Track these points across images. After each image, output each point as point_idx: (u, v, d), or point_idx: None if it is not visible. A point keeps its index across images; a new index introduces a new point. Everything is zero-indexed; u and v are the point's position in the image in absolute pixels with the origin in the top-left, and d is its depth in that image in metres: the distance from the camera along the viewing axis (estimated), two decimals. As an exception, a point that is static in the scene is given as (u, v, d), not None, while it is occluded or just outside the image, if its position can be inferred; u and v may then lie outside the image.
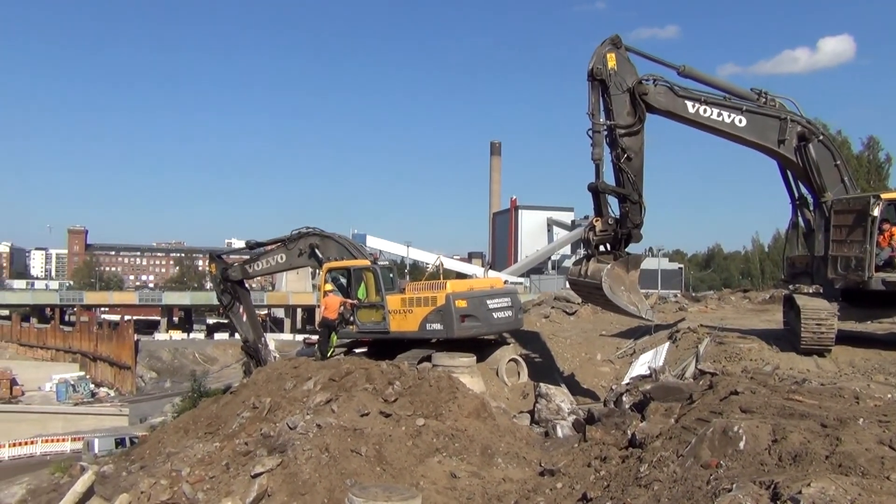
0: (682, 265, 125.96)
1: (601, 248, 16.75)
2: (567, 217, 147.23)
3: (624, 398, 12.63)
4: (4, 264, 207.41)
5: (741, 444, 7.19)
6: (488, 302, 17.72)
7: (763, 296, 32.56)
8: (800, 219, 17.75)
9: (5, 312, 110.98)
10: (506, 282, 30.18)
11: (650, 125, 16.30)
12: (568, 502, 8.62)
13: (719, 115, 16.36)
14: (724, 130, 16.53)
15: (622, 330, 23.39)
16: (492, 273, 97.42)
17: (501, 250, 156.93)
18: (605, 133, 16.08)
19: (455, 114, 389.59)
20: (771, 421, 7.73)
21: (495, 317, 17.76)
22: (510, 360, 18.19)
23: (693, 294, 43.47)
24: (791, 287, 19.73)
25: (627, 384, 14.53)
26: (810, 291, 18.76)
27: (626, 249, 16.69)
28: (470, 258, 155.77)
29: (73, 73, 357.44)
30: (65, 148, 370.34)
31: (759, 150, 17.05)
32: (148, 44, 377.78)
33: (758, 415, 8.34)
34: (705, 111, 16.32)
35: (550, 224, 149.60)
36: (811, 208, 17.25)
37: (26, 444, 48.82)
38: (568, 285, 21.43)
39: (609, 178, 16.33)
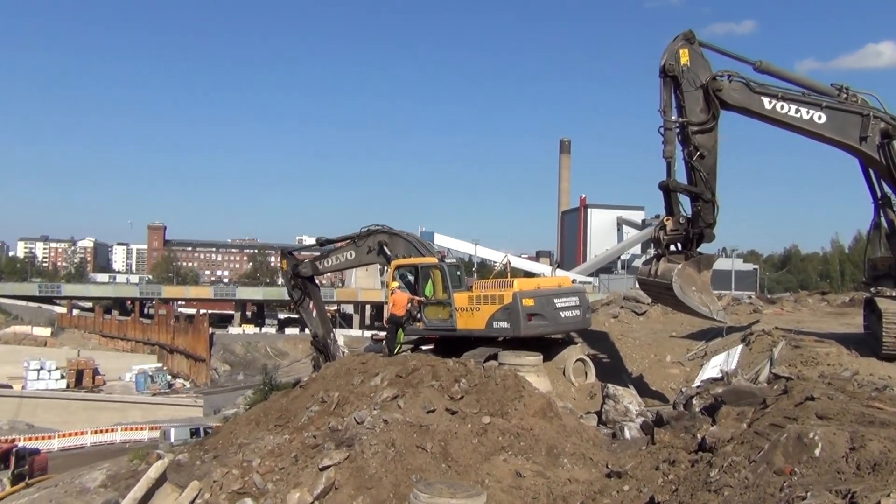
0: (756, 266, 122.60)
1: (672, 247, 16.44)
2: (637, 216, 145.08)
3: (694, 401, 12.39)
4: (89, 259, 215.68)
5: (817, 452, 6.97)
6: (556, 301, 17.57)
7: (842, 299, 31.48)
8: (882, 219, 17.03)
9: (89, 305, 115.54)
10: (574, 281, 29.87)
11: (724, 122, 15.93)
12: (635, 505, 8.51)
13: (797, 111, 15.83)
14: (802, 127, 15.99)
15: (693, 331, 22.92)
16: (560, 272, 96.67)
17: (570, 249, 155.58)
18: (678, 130, 15.76)
19: (524, 112, 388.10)
20: (849, 428, 7.47)
21: (563, 316, 17.59)
22: (577, 360, 18.02)
23: (768, 296, 42.26)
24: (873, 290, 18.95)
25: (698, 387, 14.23)
26: (893, 295, 18.00)
27: (698, 249, 16.34)
28: (538, 257, 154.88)
29: (155, 75, 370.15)
30: (146, 148, 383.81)
31: (840, 148, 16.44)
32: (228, 44, 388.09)
33: (835, 421, 8.07)
34: (782, 108, 15.81)
35: (620, 223, 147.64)
36: (895, 208, 16.57)
37: (107, 431, 50.71)
38: (637, 285, 21.10)
39: (681, 176, 16.01)
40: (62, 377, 75.29)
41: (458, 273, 19.25)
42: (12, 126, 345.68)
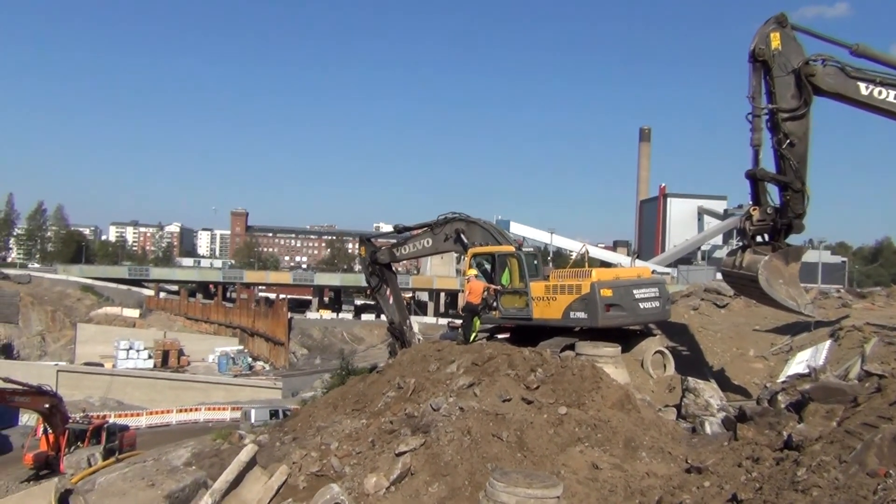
0: (845, 259, 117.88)
1: (759, 238, 15.90)
2: (719, 206, 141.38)
3: (779, 397, 12.00)
4: (175, 243, 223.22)
5: (914, 454, 6.65)
6: (635, 291, 17.24)
7: (938, 294, 29.88)
8: None
9: (175, 288, 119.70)
10: (653, 272, 29.26)
11: (816, 109, 15.26)
12: (716, 502, 8.29)
13: None
14: None
15: (778, 325, 22.15)
16: (639, 262, 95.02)
17: (648, 239, 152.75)
18: (767, 117, 15.19)
19: (603, 99, 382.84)
20: (949, 430, 7.10)
21: (642, 307, 17.26)
22: (656, 352, 17.66)
23: (858, 290, 40.48)
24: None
25: (783, 382, 13.79)
26: None
27: (786, 240, 15.76)
28: (615, 247, 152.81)
29: (239, 67, 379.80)
30: (231, 136, 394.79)
31: (942, 136, 15.55)
32: (306, 30, 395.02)
33: (933, 423, 7.68)
34: (881, 93, 15.02)
35: (701, 213, 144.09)
36: None
37: (191, 410, 52.57)
38: (720, 277, 20.51)
39: (769, 164, 15.45)
40: (150, 357, 78.49)
41: (535, 262, 19.10)
42: (105, 116, 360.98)
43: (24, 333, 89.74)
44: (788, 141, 14.94)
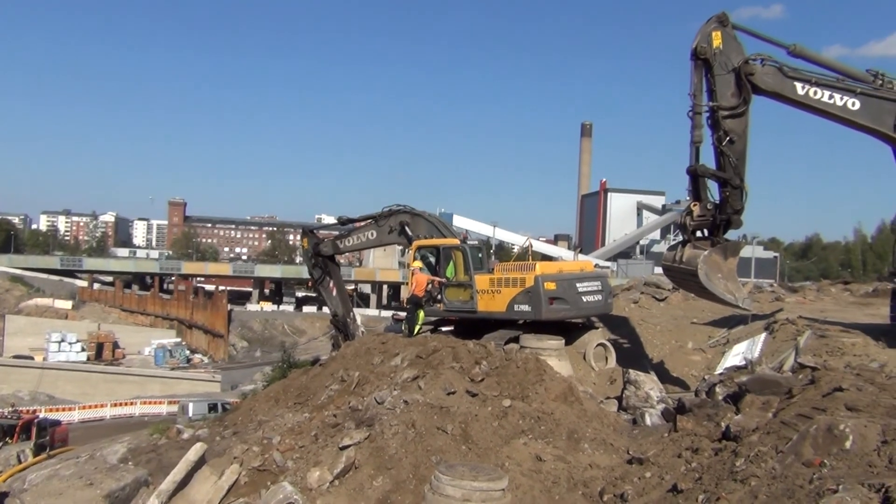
0: (777, 254, 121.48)
1: (698, 233, 16.24)
2: (658, 201, 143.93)
3: (717, 389, 12.26)
4: (109, 233, 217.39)
5: (848, 444, 6.86)
6: (578, 285, 17.44)
7: (866, 289, 31.05)
8: (912, 210, 16.73)
9: (109, 279, 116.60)
10: (596, 265, 29.68)
11: (755, 106, 15.64)
12: (657, 492, 8.42)
13: (831, 97, 15.51)
14: (835, 114, 15.67)
15: (715, 318, 22.71)
16: (581, 256, 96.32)
17: (589, 233, 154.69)
18: (707, 115, 15.50)
19: (546, 94, 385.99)
20: (880, 421, 7.34)
21: (584, 300, 17.47)
22: (598, 345, 17.91)
23: (790, 284, 41.77)
24: (899, 280, 18.67)
25: (721, 374, 14.10)
26: (922, 286, 17.72)
27: (725, 236, 16.12)
28: (556, 240, 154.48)
29: (177, 54, 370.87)
30: (167, 122, 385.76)
31: (873, 135, 16.11)
32: (249, 24, 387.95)
33: (865, 413, 7.93)
34: (816, 93, 15.49)
35: (640, 208, 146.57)
36: None
37: (126, 404, 51.24)
38: (659, 270, 20.91)
39: (708, 160, 15.77)
40: (83, 350, 76.22)
41: (480, 255, 19.16)
42: (36, 100, 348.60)
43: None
44: (728, 138, 15.29)
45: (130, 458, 12.93)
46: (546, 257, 79.82)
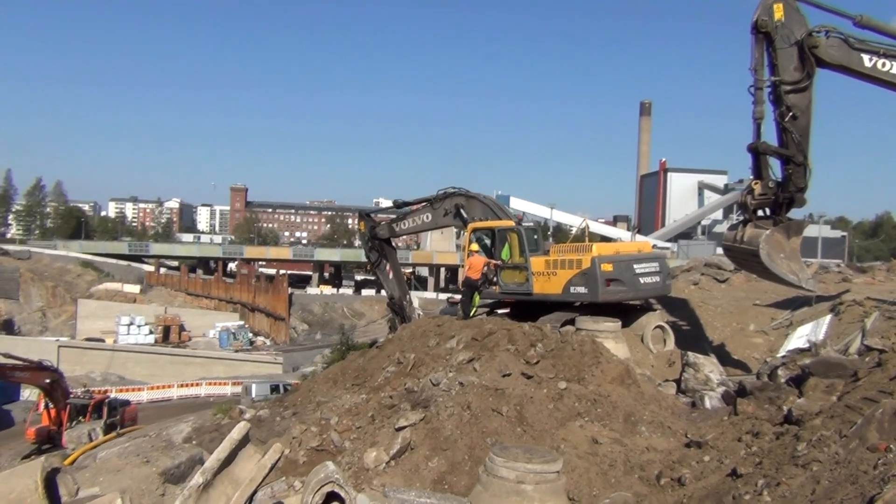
0: (845, 233, 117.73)
1: (760, 212, 15.81)
2: (720, 180, 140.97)
3: (779, 372, 11.96)
4: (175, 219, 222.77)
5: (915, 428, 6.62)
6: (635, 266, 17.19)
7: (939, 268, 29.82)
8: None
9: (175, 263, 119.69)
10: (654, 246, 29.20)
11: (819, 80, 15.10)
12: (715, 476, 8.29)
13: None
14: None
15: (778, 300, 22.14)
16: (639, 237, 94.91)
17: (648, 214, 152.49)
18: (769, 90, 15.03)
19: (603, 73, 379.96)
20: (951, 405, 7.06)
21: (642, 282, 17.22)
22: (656, 327, 17.65)
23: (858, 264, 40.41)
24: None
25: (783, 357, 13.75)
26: None
27: (787, 215, 15.67)
28: (615, 222, 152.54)
29: (238, 42, 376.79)
30: (230, 111, 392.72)
31: (946, 108, 15.38)
32: (311, 8, 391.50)
33: (935, 397, 7.65)
34: (884, 65, 14.85)
35: (701, 187, 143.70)
36: None
37: (192, 385, 52.76)
38: (721, 251, 20.47)
39: (771, 137, 15.31)
40: (150, 332, 78.66)
41: (535, 237, 19.03)
42: (103, 92, 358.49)
43: (25, 309, 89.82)
44: (791, 114, 14.81)
45: (194, 438, 13.33)
46: (604, 239, 79.07)
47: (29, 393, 42.38)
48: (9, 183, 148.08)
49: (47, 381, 27.94)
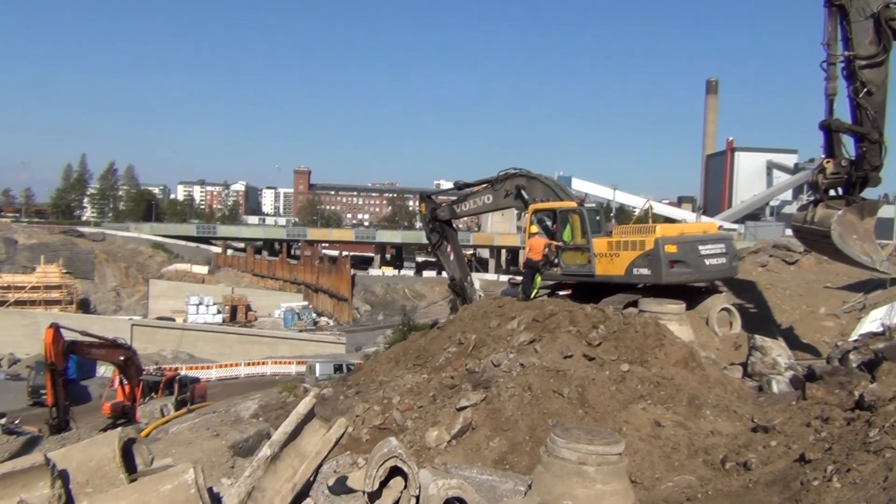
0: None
1: (832, 192, 15.29)
2: (789, 160, 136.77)
3: (851, 356, 11.65)
4: (241, 202, 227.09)
5: None
6: (700, 248, 16.88)
7: None
8: None
9: (241, 245, 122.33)
10: (720, 228, 28.58)
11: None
12: (783, 462, 8.13)
13: None
14: None
15: (850, 282, 21.43)
16: (704, 218, 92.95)
17: (714, 195, 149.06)
18: (842, 65, 14.48)
19: (668, 50, 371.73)
20: None
21: (707, 263, 16.91)
22: (722, 310, 17.31)
23: (936, 246, 38.76)
24: None
25: (856, 341, 13.37)
26: None
27: (861, 194, 15.11)
28: (680, 203, 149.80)
29: (301, 28, 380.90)
30: (293, 94, 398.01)
31: None
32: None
33: None
34: None
35: (770, 167, 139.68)
36: None
37: (259, 364, 53.97)
38: (790, 232, 19.90)
39: (843, 114, 14.77)
40: (219, 312, 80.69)
41: (598, 218, 18.84)
42: (172, 79, 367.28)
43: (100, 289, 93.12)
44: (866, 89, 14.22)
45: (261, 414, 13.67)
46: (668, 220, 77.65)
47: (105, 370, 43.88)
48: (84, 167, 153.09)
49: (121, 358, 28.91)
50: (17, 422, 30.01)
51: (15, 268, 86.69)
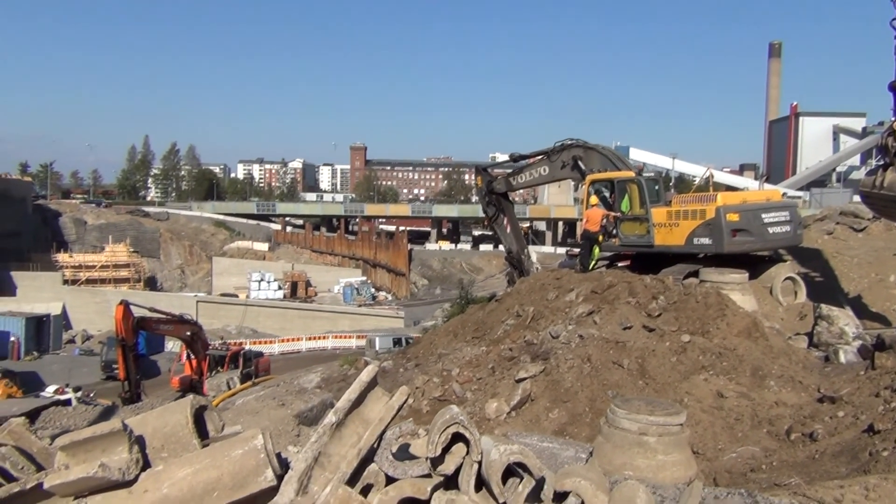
0: None
1: (902, 155, 14.72)
2: (857, 123, 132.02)
3: (923, 325, 11.28)
4: (299, 179, 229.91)
5: None
6: (763, 216, 16.48)
7: None
8: None
9: (299, 222, 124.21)
10: (784, 195, 27.86)
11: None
12: (850, 433, 7.95)
13: None
14: None
15: (922, 249, 20.71)
16: (767, 186, 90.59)
17: (778, 161, 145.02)
18: (914, 23, 13.86)
19: (729, 14, 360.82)
20: None
21: (771, 232, 16.50)
22: (786, 279, 16.91)
23: None
24: None
25: (928, 310, 12.93)
26: None
27: (934, 158, 14.51)
28: (741, 170, 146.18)
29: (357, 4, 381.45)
30: (349, 71, 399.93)
31: None
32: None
33: None
34: None
35: (837, 132, 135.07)
36: None
37: (320, 338, 54.99)
38: (858, 199, 19.28)
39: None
40: (279, 288, 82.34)
41: (657, 187, 18.55)
42: (230, 58, 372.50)
43: (166, 267, 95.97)
44: (939, 47, 13.63)
45: (323, 386, 13.96)
46: (729, 188, 75.90)
47: (172, 345, 45.31)
48: (147, 148, 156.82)
49: (188, 333, 29.82)
50: (91, 395, 31.30)
51: (85, 247, 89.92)
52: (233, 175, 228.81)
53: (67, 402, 25.97)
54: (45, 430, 11.34)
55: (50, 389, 32.17)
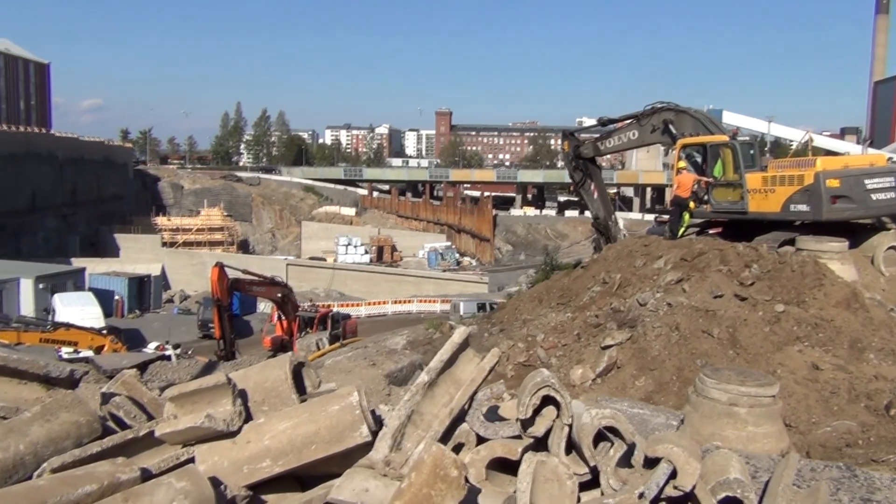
0: None
1: None
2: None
3: None
4: (385, 145, 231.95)
5: None
6: (866, 181, 15.71)
7: None
8: None
9: (386, 187, 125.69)
10: (889, 160, 26.45)
11: None
12: (956, 409, 7.62)
13: None
14: None
15: None
16: (871, 150, 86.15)
17: (883, 125, 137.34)
18: None
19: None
20: None
21: (874, 198, 15.72)
22: (889, 248, 16.12)
23: None
24: None
25: None
26: None
27: None
28: (843, 134, 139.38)
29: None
30: (435, 35, 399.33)
31: None
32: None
33: None
34: None
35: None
36: None
37: (405, 302, 55.83)
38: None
39: None
40: (366, 252, 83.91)
41: (751, 152, 17.91)
42: (319, 26, 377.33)
43: (257, 230, 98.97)
44: None
45: (409, 348, 14.23)
46: (829, 153, 72.59)
47: (264, 306, 46.82)
48: (240, 115, 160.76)
49: (279, 295, 30.76)
50: (189, 352, 32.74)
51: (182, 211, 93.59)
52: (321, 141, 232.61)
53: (168, 358, 27.28)
54: (153, 382, 11.97)
55: (151, 346, 33.78)
